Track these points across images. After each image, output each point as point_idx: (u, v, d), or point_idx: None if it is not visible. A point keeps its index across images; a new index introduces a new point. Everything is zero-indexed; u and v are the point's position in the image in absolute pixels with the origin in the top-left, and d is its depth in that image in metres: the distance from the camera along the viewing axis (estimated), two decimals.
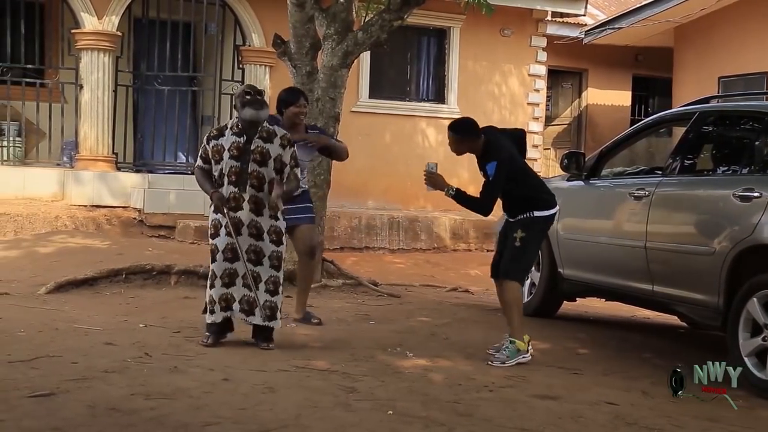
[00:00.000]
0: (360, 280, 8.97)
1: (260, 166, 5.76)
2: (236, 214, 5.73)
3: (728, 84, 14.21)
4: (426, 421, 4.40)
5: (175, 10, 12.63)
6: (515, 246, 6.04)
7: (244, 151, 5.74)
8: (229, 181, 5.74)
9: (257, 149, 5.76)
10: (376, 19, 8.64)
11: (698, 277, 5.99)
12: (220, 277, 5.77)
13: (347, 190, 12.69)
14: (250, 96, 5.78)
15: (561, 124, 18.73)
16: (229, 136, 5.79)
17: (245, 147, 5.75)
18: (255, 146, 5.77)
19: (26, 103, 12.24)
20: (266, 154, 5.77)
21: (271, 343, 5.89)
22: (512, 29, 14.71)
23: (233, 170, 5.74)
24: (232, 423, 4.14)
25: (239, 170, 5.73)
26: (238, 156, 5.74)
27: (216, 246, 5.79)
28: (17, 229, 10.92)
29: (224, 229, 5.74)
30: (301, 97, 6.77)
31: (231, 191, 5.74)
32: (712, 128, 6.77)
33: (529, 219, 6.03)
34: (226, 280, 5.76)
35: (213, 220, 5.82)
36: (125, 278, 8.21)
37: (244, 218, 5.75)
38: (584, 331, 7.31)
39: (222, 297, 5.77)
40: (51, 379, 4.67)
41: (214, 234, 5.81)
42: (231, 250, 5.75)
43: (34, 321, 6.32)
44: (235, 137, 5.78)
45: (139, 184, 12.09)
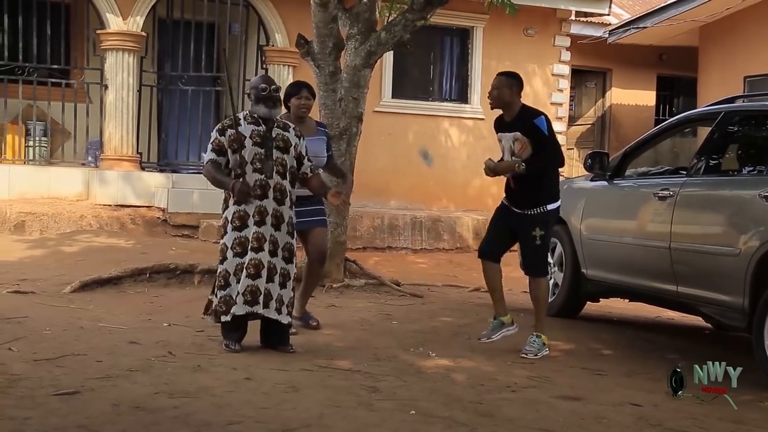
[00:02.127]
0: (382, 279, 8.97)
1: (283, 153, 5.70)
2: (262, 202, 5.60)
3: (754, 83, 14.09)
4: (448, 422, 4.40)
5: (199, 11, 12.69)
6: (536, 245, 6.22)
7: (266, 138, 5.67)
8: (254, 169, 5.59)
9: (279, 136, 5.72)
10: (399, 19, 8.63)
11: (723, 278, 5.94)
12: (246, 267, 5.54)
13: (370, 190, 12.71)
14: (266, 93, 5.69)
15: (585, 124, 18.64)
16: (246, 126, 5.68)
17: (267, 134, 5.69)
18: (276, 134, 5.72)
19: (52, 103, 12.34)
20: (288, 141, 5.74)
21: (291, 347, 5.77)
22: (536, 29, 14.67)
23: (258, 157, 5.61)
24: (254, 422, 4.16)
25: (264, 156, 5.63)
26: (261, 143, 5.65)
27: (245, 238, 5.56)
28: (43, 228, 11.01)
29: (252, 218, 5.57)
30: (303, 89, 6.62)
31: (257, 178, 5.59)
32: (738, 128, 6.71)
33: (544, 214, 6.18)
34: (251, 271, 5.55)
35: (238, 212, 5.59)
36: (149, 277, 8.26)
37: (269, 207, 5.62)
38: (608, 332, 7.27)
39: (248, 289, 5.54)
40: (76, 378, 4.71)
41: (241, 226, 5.58)
42: (257, 240, 5.58)
43: (60, 320, 6.37)
44: (253, 126, 5.69)
45: (162, 184, 12.14)
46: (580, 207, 7.50)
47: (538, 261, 6.29)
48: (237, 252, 5.60)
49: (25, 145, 12.52)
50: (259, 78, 6.11)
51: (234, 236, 5.61)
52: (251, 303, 5.57)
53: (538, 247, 6.23)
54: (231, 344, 5.65)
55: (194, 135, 12.75)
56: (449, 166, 14.23)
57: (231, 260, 5.61)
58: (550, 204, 6.20)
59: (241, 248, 5.60)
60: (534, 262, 6.29)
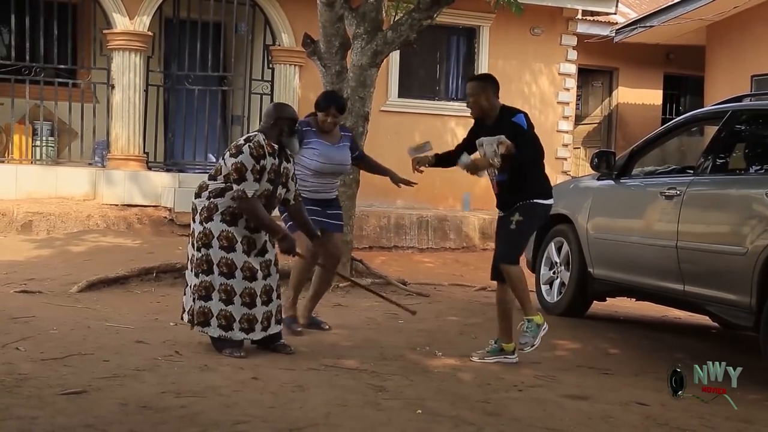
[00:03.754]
0: (389, 279, 8.97)
1: (283, 188, 5.67)
2: (253, 235, 5.54)
3: (761, 82, 14.06)
4: (455, 421, 4.40)
5: (205, 10, 12.70)
6: (510, 229, 5.81)
7: (277, 174, 5.59)
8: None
9: (284, 171, 5.65)
10: (406, 18, 8.63)
11: (730, 277, 5.93)
12: (240, 295, 5.49)
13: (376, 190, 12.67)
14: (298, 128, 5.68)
15: (591, 123, 18.62)
16: (268, 157, 5.52)
17: (278, 170, 5.60)
18: (283, 168, 5.64)
19: (59, 103, 12.36)
20: (288, 175, 5.69)
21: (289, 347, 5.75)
22: (542, 28, 14.65)
23: (266, 194, 5.51)
24: (261, 421, 4.16)
25: (270, 194, 5.57)
26: (274, 180, 5.56)
27: (233, 262, 5.46)
28: (50, 228, 11.04)
29: (240, 245, 5.49)
30: (332, 107, 6.48)
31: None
32: (745, 127, 6.70)
33: (529, 204, 5.79)
34: (246, 300, 5.49)
35: (226, 232, 5.48)
36: (156, 277, 8.27)
37: (258, 241, 5.58)
38: (615, 331, 7.26)
39: (244, 317, 5.51)
40: (83, 377, 4.71)
41: (228, 248, 5.46)
42: (249, 269, 5.51)
43: (67, 319, 6.38)
44: (271, 159, 5.53)
45: (169, 184, 12.16)
46: (586, 206, 7.49)
47: (508, 248, 5.84)
48: (223, 272, 5.49)
49: (32, 145, 12.56)
50: (288, 108, 5.84)
51: (221, 255, 5.49)
52: (247, 331, 5.55)
53: (511, 232, 5.81)
54: (236, 351, 5.54)
55: (201, 135, 12.77)
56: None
57: (216, 277, 5.49)
58: (538, 199, 5.83)
59: (227, 270, 5.48)
60: (503, 249, 5.86)
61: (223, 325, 5.50)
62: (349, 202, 8.45)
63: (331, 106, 6.49)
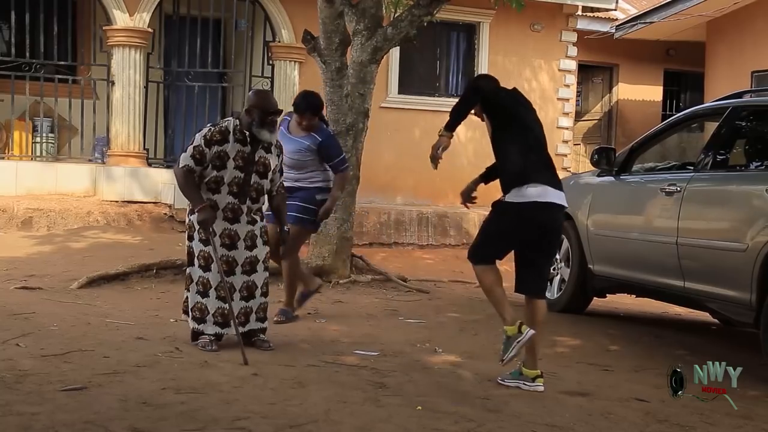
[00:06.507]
0: (389, 275, 8.98)
1: (261, 178, 5.59)
2: (233, 226, 5.53)
3: (761, 78, 14.05)
4: (455, 417, 4.40)
5: (205, 7, 12.69)
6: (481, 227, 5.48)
7: (248, 162, 5.53)
8: (230, 191, 5.49)
9: (260, 160, 5.57)
10: (406, 14, 8.63)
11: (730, 273, 5.93)
12: (215, 288, 5.49)
13: (376, 186, 12.71)
14: (271, 117, 5.52)
15: (591, 120, 18.63)
16: (233, 143, 5.49)
17: (250, 157, 5.54)
18: (258, 157, 5.56)
19: (59, 100, 12.36)
20: (267, 166, 5.61)
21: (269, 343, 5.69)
22: (542, 24, 14.65)
23: (236, 181, 5.48)
24: (261, 417, 4.16)
25: (242, 182, 5.50)
26: (243, 167, 5.50)
27: (209, 255, 5.47)
28: (50, 224, 11.04)
29: (218, 238, 5.49)
30: (306, 112, 6.58)
31: (230, 201, 5.50)
32: (746, 123, 6.69)
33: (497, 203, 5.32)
34: (221, 293, 5.48)
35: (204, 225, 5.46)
36: (156, 273, 8.27)
37: (241, 231, 5.55)
38: (615, 328, 7.26)
39: (218, 311, 5.52)
40: (83, 373, 4.72)
41: (206, 241, 5.46)
42: (227, 263, 5.50)
43: (67, 315, 6.38)
44: (239, 145, 5.50)
45: (169, 180, 12.13)
46: (586, 203, 7.49)
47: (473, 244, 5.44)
48: (201, 265, 5.53)
49: (32, 142, 12.58)
50: (265, 97, 5.72)
51: (200, 248, 5.53)
52: (222, 325, 5.55)
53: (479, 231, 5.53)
54: (208, 345, 5.54)
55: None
56: (456, 162, 14.19)
57: (195, 269, 5.55)
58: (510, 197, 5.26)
59: (204, 262, 5.52)
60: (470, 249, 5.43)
61: (197, 318, 5.57)
62: (349, 199, 8.44)
63: (305, 111, 6.62)
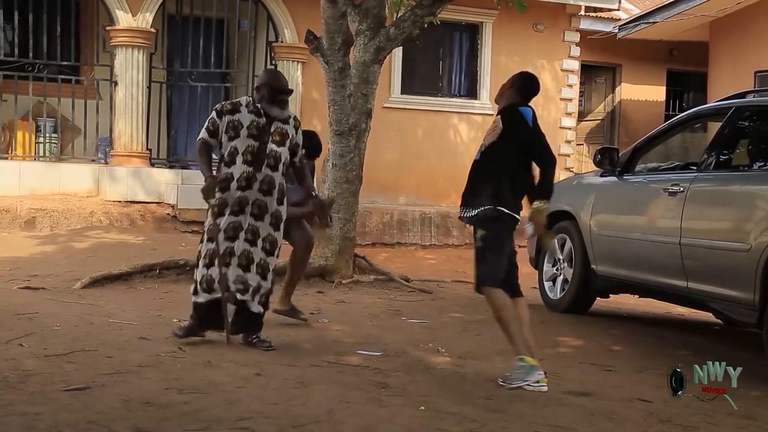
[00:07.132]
0: (392, 275, 8.97)
1: (278, 146, 5.67)
2: (245, 193, 5.59)
3: (764, 79, 14.05)
4: (458, 417, 4.40)
5: (208, 7, 12.70)
6: (477, 249, 5.27)
7: (263, 132, 5.64)
8: (244, 160, 5.58)
9: (277, 130, 5.68)
10: (409, 14, 8.63)
11: (733, 273, 5.92)
12: (221, 255, 5.54)
13: (379, 186, 12.71)
14: (281, 96, 5.68)
15: (594, 120, 18.61)
16: (246, 114, 5.65)
17: (265, 127, 5.65)
18: (275, 127, 5.68)
19: (62, 100, 12.37)
20: (285, 134, 5.70)
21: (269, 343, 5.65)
22: (545, 24, 14.64)
23: (250, 149, 5.59)
24: (264, 418, 4.16)
25: (257, 149, 5.60)
26: (258, 135, 5.62)
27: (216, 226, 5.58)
28: (53, 224, 11.05)
29: (230, 208, 5.58)
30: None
31: (245, 170, 5.58)
32: (749, 123, 6.68)
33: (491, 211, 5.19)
34: (206, 261, 5.59)
35: (220, 199, 5.59)
36: (159, 273, 8.27)
37: (250, 197, 5.61)
38: (618, 328, 7.26)
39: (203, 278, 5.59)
40: (86, 373, 4.72)
41: (218, 214, 5.59)
42: (233, 229, 5.59)
43: (70, 315, 6.39)
44: (253, 116, 5.65)
45: (172, 180, 12.17)
46: (589, 203, 7.48)
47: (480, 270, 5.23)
48: (209, 238, 5.64)
49: (35, 142, 12.59)
50: (275, 76, 6.00)
51: (209, 223, 5.66)
52: (208, 291, 5.62)
53: (478, 252, 5.27)
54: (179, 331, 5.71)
55: None
56: (458, 162, 14.20)
57: (205, 245, 5.67)
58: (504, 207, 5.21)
59: (209, 235, 5.63)
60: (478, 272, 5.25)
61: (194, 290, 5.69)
62: (352, 199, 8.45)
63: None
